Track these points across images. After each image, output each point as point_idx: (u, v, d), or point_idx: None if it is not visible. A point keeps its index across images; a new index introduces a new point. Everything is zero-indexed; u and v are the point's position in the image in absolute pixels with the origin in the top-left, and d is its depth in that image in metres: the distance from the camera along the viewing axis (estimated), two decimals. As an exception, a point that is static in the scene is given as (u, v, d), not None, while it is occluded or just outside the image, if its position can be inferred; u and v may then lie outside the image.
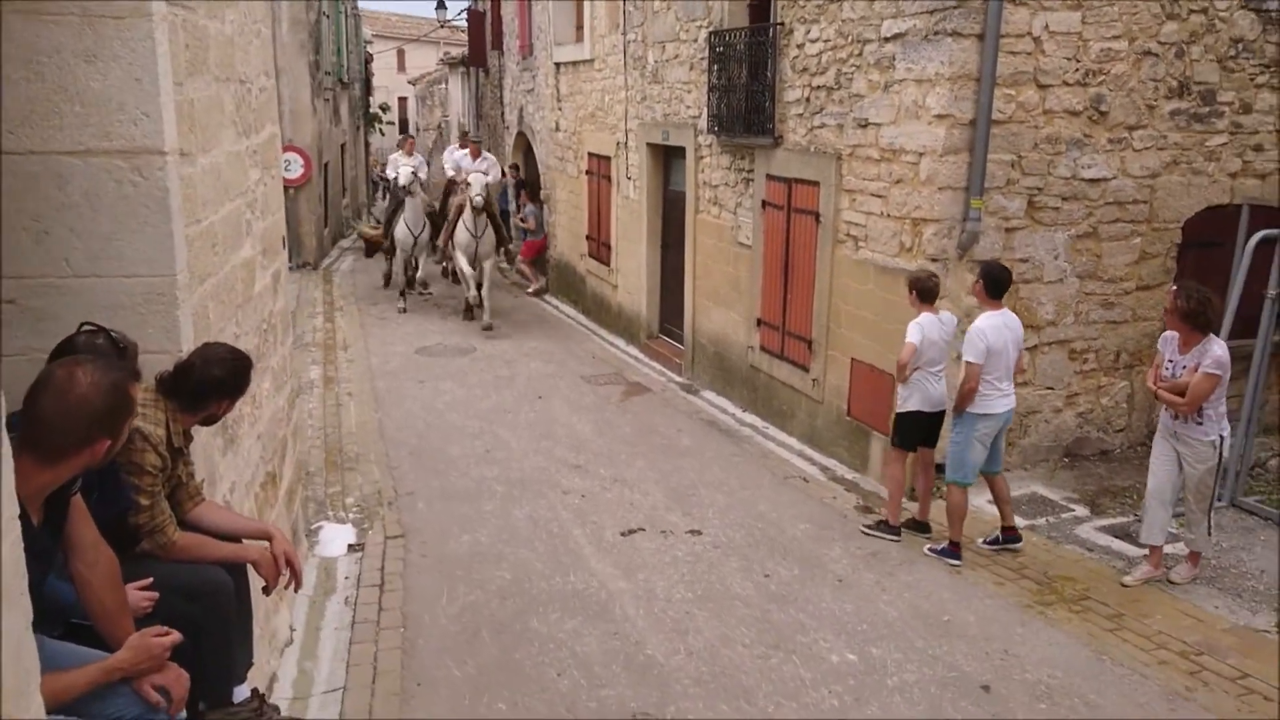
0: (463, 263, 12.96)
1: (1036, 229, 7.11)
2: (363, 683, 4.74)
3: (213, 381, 3.19)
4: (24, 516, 2.03)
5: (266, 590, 3.32)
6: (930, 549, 6.21)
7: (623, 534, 6.54)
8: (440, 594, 5.67)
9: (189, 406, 3.20)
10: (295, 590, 3.45)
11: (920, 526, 6.54)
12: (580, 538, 6.48)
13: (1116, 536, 6.39)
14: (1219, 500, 6.23)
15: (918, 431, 6.38)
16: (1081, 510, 6.84)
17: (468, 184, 12.69)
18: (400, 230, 13.99)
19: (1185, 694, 4.62)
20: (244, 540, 3.40)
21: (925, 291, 6.18)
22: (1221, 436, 5.43)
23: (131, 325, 3.24)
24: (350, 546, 6.37)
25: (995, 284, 5.91)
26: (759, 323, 9.17)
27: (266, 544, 3.38)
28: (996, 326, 5.88)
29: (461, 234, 12.85)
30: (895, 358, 7.18)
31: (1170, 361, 5.56)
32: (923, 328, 6.13)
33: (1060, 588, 5.71)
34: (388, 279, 15.63)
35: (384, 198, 19.33)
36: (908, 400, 6.29)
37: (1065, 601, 5.56)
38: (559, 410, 9.44)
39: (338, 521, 6.77)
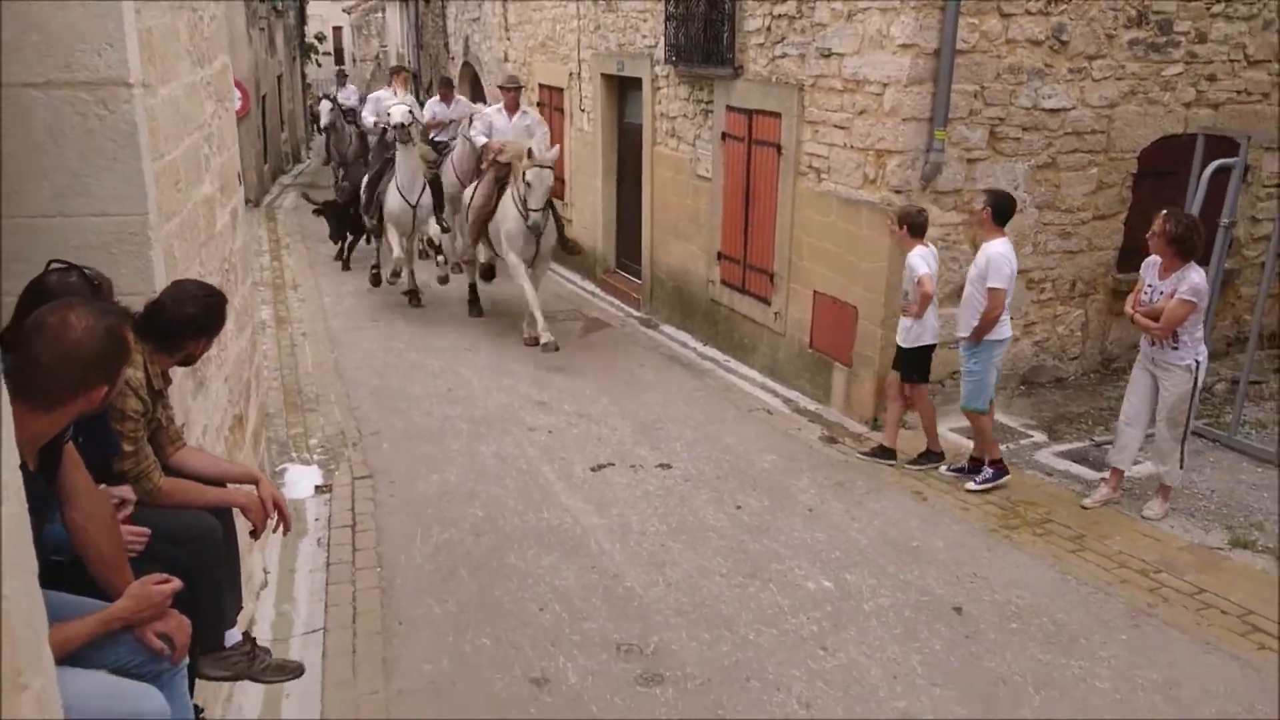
0: (520, 268, 9.10)
1: (998, 159, 7.15)
2: (343, 623, 4.73)
3: (186, 320, 3.08)
4: (21, 465, 1.96)
5: (254, 534, 3.26)
6: (976, 483, 6.17)
7: (592, 469, 6.56)
8: (414, 533, 5.64)
9: (164, 347, 3.09)
10: (284, 534, 3.41)
11: (888, 453, 6.64)
12: (550, 474, 6.48)
13: (1074, 461, 6.57)
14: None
15: (927, 363, 6.47)
16: (1039, 436, 7.01)
17: (527, 182, 8.54)
18: (392, 199, 9.92)
19: (1147, 610, 4.80)
20: (228, 484, 3.34)
21: (916, 226, 6.22)
22: (1197, 361, 5.53)
23: (102, 266, 3.11)
24: (317, 488, 6.31)
25: (1003, 212, 5.96)
26: (719, 256, 9.15)
27: (251, 488, 3.33)
28: (1011, 253, 5.95)
29: (514, 228, 8.96)
30: (858, 290, 7.26)
31: (1149, 286, 5.64)
32: (926, 260, 6.18)
33: (1023, 512, 5.87)
34: (377, 279, 11.18)
35: (322, 133, 18.33)
36: (921, 335, 6.34)
37: (1028, 525, 5.72)
38: (519, 346, 9.37)
39: (302, 463, 6.69)
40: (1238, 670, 4.34)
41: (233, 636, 3.29)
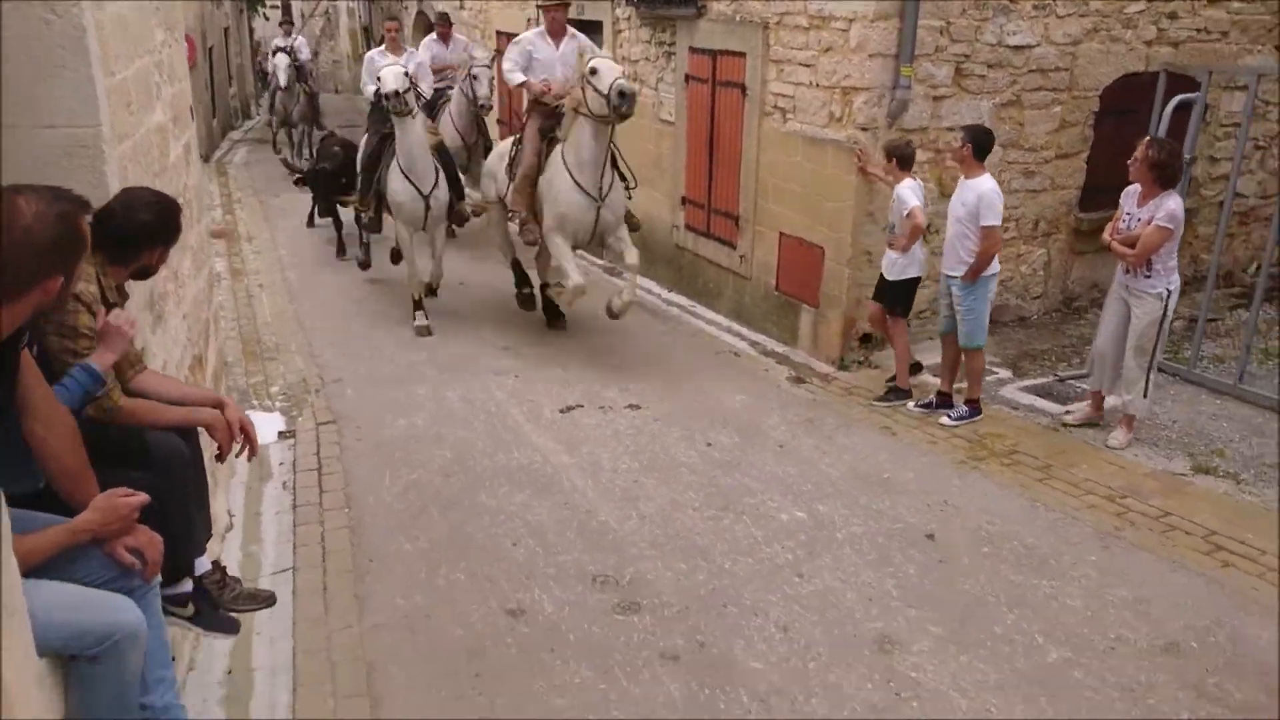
0: (564, 249, 7.34)
1: (963, 97, 7.13)
2: (312, 562, 4.65)
3: (139, 226, 2.95)
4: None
5: (220, 457, 3.15)
6: (951, 418, 6.21)
7: (561, 410, 6.50)
8: (382, 475, 5.56)
9: (118, 258, 2.96)
10: (250, 458, 3.31)
11: (916, 369, 6.72)
12: (518, 415, 6.42)
13: (1039, 396, 6.64)
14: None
15: (911, 297, 6.47)
16: (1005, 373, 7.07)
17: (593, 69, 6.77)
18: (396, 186, 7.91)
19: (1114, 532, 4.87)
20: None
21: (905, 158, 6.20)
22: (1169, 290, 5.58)
23: (56, 181, 2.97)
24: (281, 434, 6.19)
25: (983, 147, 5.92)
26: (684, 201, 9.07)
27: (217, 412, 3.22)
28: (999, 188, 5.91)
29: (569, 194, 7.15)
30: (824, 230, 7.23)
31: (1128, 215, 5.67)
32: (915, 193, 6.14)
33: (990, 444, 5.92)
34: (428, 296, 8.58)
35: (276, 92, 16.72)
36: (908, 268, 6.31)
37: (996, 456, 5.77)
38: (482, 293, 9.25)
39: (264, 410, 6.56)
40: (1204, 586, 4.42)
41: (202, 565, 3.22)
